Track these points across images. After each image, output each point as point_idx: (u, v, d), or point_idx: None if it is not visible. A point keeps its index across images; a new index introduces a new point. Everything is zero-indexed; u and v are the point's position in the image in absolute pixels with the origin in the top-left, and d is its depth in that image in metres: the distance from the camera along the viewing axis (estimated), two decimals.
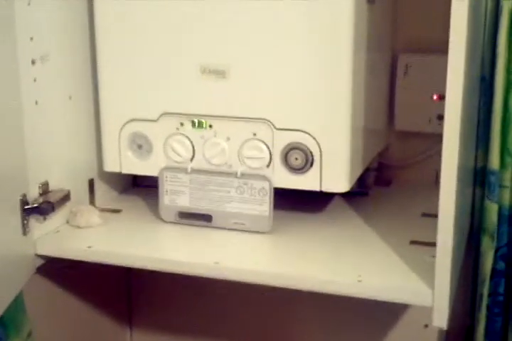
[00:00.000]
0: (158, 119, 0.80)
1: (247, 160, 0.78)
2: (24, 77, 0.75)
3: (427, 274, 0.67)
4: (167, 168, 0.81)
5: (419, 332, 0.99)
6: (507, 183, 0.83)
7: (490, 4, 0.83)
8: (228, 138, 0.78)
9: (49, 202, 0.78)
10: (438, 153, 0.64)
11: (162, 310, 1.14)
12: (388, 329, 1.03)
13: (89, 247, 0.78)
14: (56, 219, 0.82)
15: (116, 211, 0.88)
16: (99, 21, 0.80)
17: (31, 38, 0.76)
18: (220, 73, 0.76)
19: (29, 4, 0.75)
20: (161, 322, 1.15)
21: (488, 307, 0.86)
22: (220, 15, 0.75)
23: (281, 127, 0.76)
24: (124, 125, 0.82)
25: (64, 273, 0.89)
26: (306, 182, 0.76)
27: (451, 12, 0.60)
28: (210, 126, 0.78)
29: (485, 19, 0.83)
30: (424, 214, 0.85)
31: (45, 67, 0.78)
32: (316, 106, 0.74)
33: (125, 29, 0.79)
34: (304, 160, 0.75)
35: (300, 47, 0.73)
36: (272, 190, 0.77)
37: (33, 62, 0.76)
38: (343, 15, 0.71)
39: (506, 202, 0.84)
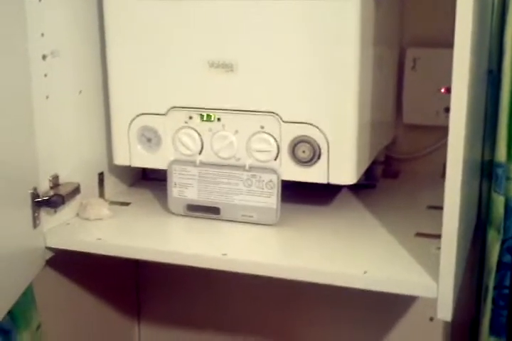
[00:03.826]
0: (167, 113, 0.81)
1: (255, 153, 0.78)
2: (35, 72, 0.75)
3: (432, 266, 0.67)
4: (176, 161, 0.82)
5: (425, 325, 1.00)
6: None
7: None
8: (236, 131, 0.79)
9: (59, 195, 0.78)
10: (445, 146, 0.65)
11: (170, 302, 1.15)
12: (394, 321, 1.03)
13: (98, 239, 0.78)
14: (66, 212, 0.83)
15: (126, 204, 0.89)
16: (109, 17, 0.80)
17: (42, 34, 0.76)
18: (228, 67, 0.76)
19: (40, 0, 0.75)
20: (169, 314, 1.16)
21: (494, 300, 0.86)
22: (228, 10, 0.75)
23: (289, 120, 0.76)
24: (133, 119, 0.82)
25: (73, 265, 0.90)
26: (313, 174, 0.77)
27: (456, 5, 0.60)
28: (219, 120, 0.79)
29: (492, 12, 0.83)
30: (431, 207, 0.85)
31: (55, 62, 0.79)
32: (323, 100, 0.74)
33: (134, 24, 0.79)
34: (312, 153, 0.76)
35: (307, 40, 0.73)
36: (280, 183, 0.78)
37: (44, 58, 0.77)
38: (350, 9, 0.71)
39: None
